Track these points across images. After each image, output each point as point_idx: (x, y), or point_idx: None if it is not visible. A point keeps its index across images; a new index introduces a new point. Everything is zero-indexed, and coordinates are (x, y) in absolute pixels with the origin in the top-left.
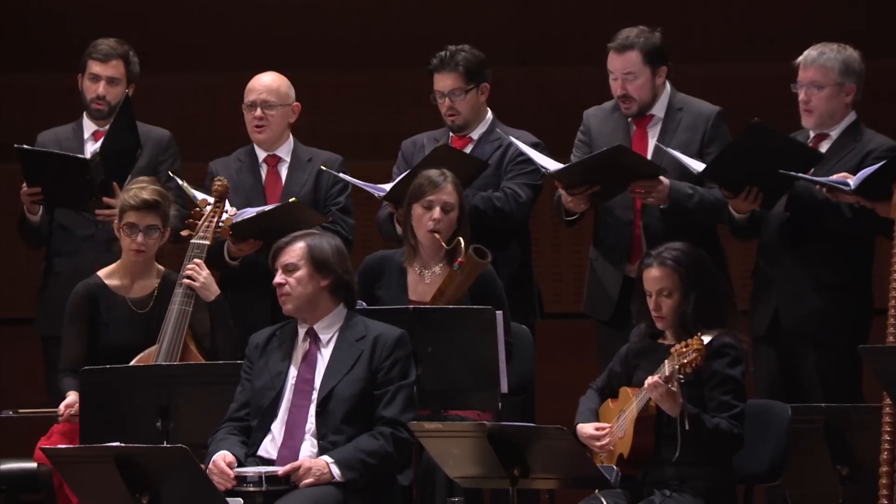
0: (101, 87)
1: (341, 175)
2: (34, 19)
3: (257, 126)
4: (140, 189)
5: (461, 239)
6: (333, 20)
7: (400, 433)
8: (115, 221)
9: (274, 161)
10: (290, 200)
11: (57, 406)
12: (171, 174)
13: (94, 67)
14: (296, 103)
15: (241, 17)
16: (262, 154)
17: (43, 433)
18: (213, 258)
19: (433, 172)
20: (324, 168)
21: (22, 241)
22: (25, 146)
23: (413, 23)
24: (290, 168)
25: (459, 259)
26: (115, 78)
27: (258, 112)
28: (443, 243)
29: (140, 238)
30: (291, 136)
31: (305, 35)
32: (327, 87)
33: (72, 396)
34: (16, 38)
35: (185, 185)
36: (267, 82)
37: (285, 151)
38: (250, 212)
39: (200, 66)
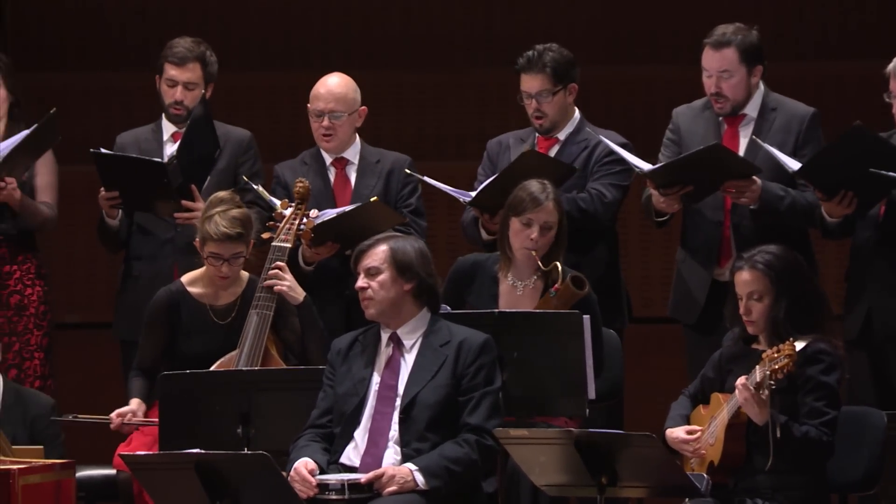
0: (178, 92)
1: (426, 179)
2: (114, 17)
3: (325, 135)
4: (221, 217)
5: (559, 265)
6: (416, 18)
7: (485, 440)
8: (198, 241)
9: (342, 164)
10: (372, 200)
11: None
12: (247, 179)
13: (171, 71)
14: (362, 108)
15: (325, 15)
16: (329, 157)
17: (122, 439)
18: (288, 265)
19: (535, 187)
20: (408, 172)
21: (101, 245)
22: (101, 150)
23: (498, 20)
24: (358, 170)
25: (556, 286)
26: (191, 82)
27: (325, 122)
28: (539, 263)
29: (225, 268)
30: (358, 138)
31: (388, 33)
32: (410, 87)
33: (133, 404)
34: (94, 36)
35: (262, 190)
36: (333, 89)
37: (353, 154)
38: (331, 213)
39: (270, 64)
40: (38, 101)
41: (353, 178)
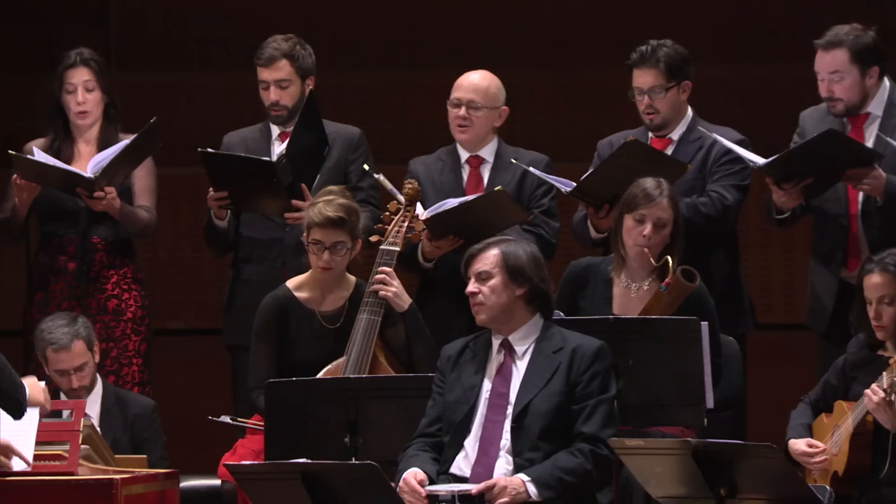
0: (272, 93)
1: (531, 169)
2: (218, 16)
3: (460, 125)
4: (325, 204)
5: (669, 258)
6: (529, 15)
7: (599, 450)
8: (304, 235)
9: (477, 162)
10: (495, 189)
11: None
12: (367, 168)
13: (262, 74)
14: (504, 107)
15: (436, 12)
16: (464, 154)
17: (226, 449)
18: (407, 261)
19: (650, 184)
20: (513, 161)
21: (207, 248)
22: (209, 150)
23: (611, 18)
24: (492, 169)
25: (667, 280)
26: (283, 80)
27: (462, 111)
28: (651, 260)
29: (326, 256)
30: (496, 138)
31: (499, 30)
32: (522, 87)
33: None
34: (198, 35)
35: (384, 179)
36: (475, 81)
37: (489, 152)
38: (451, 203)
39: (395, 63)
40: (141, 102)
41: (486, 176)
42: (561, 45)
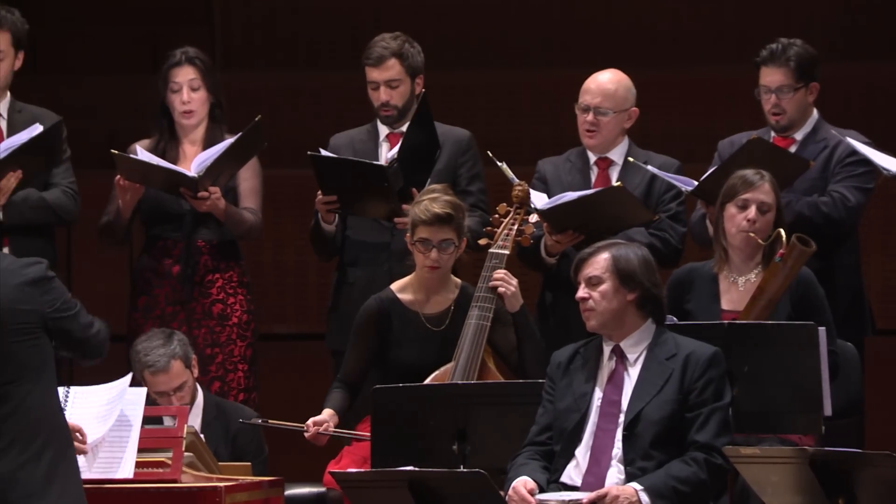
0: (382, 93)
1: (649, 167)
2: (325, 15)
3: (588, 131)
4: (431, 201)
5: (781, 230)
6: (644, 13)
7: (714, 459)
8: (408, 235)
9: (605, 164)
10: (615, 184)
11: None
12: (490, 154)
13: (371, 74)
14: (633, 108)
15: (548, 9)
16: (593, 156)
17: (332, 456)
18: (529, 257)
19: (748, 172)
20: (630, 159)
21: (313, 252)
22: (320, 152)
23: (726, 15)
24: (622, 171)
25: (781, 251)
26: (393, 79)
27: (590, 116)
28: (759, 240)
29: (434, 254)
30: (627, 139)
31: (612, 27)
32: (640, 86)
33: (325, 415)
34: (304, 35)
35: (506, 167)
36: (604, 85)
37: (618, 154)
38: (569, 196)
39: (507, 62)
40: (247, 103)
41: (614, 178)
42: (676, 43)
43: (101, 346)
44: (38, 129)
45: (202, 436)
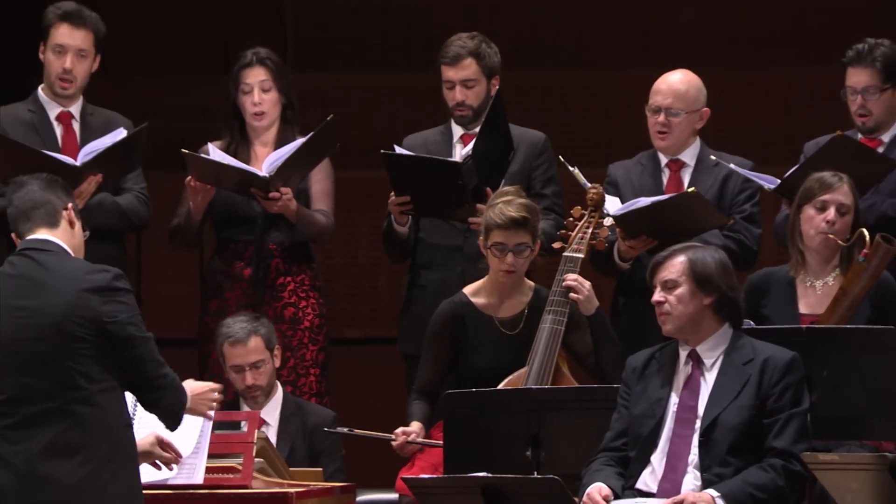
0: (457, 93)
1: (733, 167)
2: (397, 16)
3: (659, 132)
4: (506, 205)
5: (864, 230)
6: (719, 12)
7: (792, 465)
8: (481, 238)
9: (677, 166)
10: (688, 190)
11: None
12: (562, 159)
13: (447, 73)
14: (704, 109)
15: (624, 10)
16: (664, 158)
17: (404, 462)
18: (602, 263)
19: (825, 174)
20: (713, 157)
21: (385, 255)
22: (394, 150)
23: (809, 15)
24: (693, 173)
25: (864, 251)
26: (469, 79)
27: (661, 118)
28: (839, 241)
29: (509, 258)
30: (698, 140)
31: (688, 27)
32: (718, 86)
33: (414, 427)
34: (376, 36)
35: (577, 171)
36: (674, 85)
37: (690, 156)
38: (643, 201)
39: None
40: (319, 104)
41: (686, 180)
42: (753, 44)
43: (166, 392)
44: (121, 133)
45: (277, 434)
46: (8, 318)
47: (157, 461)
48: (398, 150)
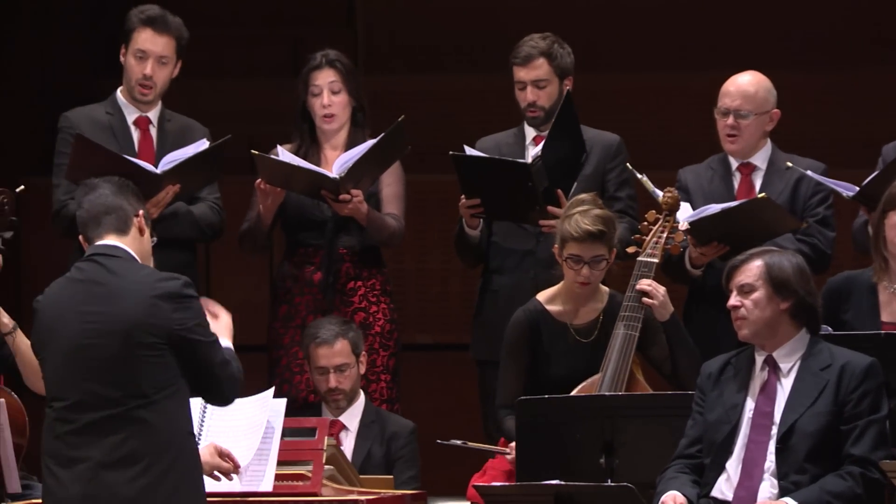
0: (528, 93)
1: (809, 173)
2: (467, 18)
3: (729, 135)
4: (582, 216)
5: None
6: (796, 13)
7: (870, 473)
8: (556, 247)
9: (748, 169)
10: (759, 196)
11: (498, 442)
12: (630, 167)
13: (518, 73)
14: (774, 110)
15: (694, 12)
16: (735, 162)
17: (476, 469)
18: (674, 270)
19: None
20: (789, 164)
21: (457, 259)
22: (465, 151)
23: (886, 16)
24: (765, 176)
25: None
26: (540, 80)
27: (730, 120)
28: None
29: (585, 271)
30: (769, 143)
31: (762, 29)
32: (794, 89)
33: None
34: (448, 37)
35: (646, 179)
36: (743, 87)
37: (761, 159)
38: (714, 208)
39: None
40: (389, 106)
41: (758, 184)
42: (832, 45)
43: (233, 387)
44: (203, 144)
45: (355, 439)
46: (75, 322)
47: (217, 472)
48: (468, 150)
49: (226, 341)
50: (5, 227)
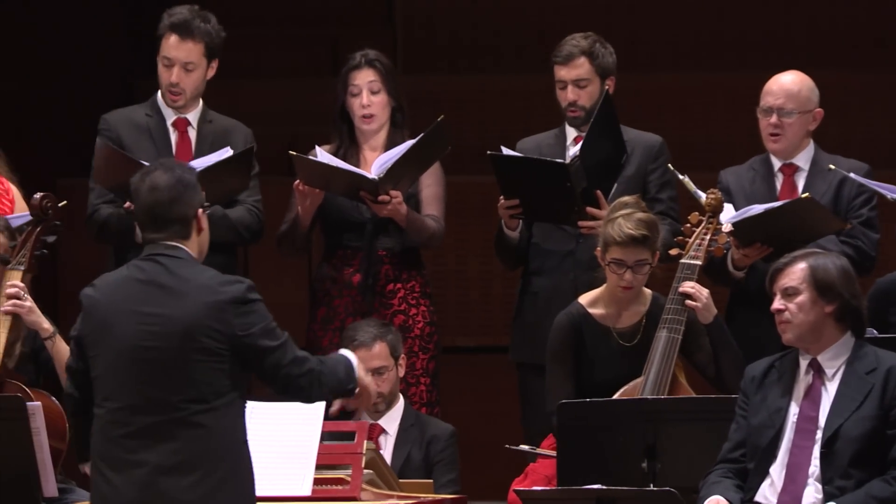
0: (569, 93)
1: (852, 175)
2: (508, 17)
3: (771, 134)
4: (625, 219)
5: None
6: (848, 14)
7: None
8: (598, 250)
9: (790, 170)
10: (803, 196)
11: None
12: (671, 168)
13: (559, 72)
14: (818, 109)
15: (737, 12)
16: (777, 163)
17: (517, 473)
18: (716, 272)
19: None
20: (832, 167)
21: (498, 260)
22: (502, 151)
23: None
24: (808, 177)
25: None
26: (581, 79)
27: (773, 119)
28: None
29: (628, 275)
30: (812, 143)
31: (806, 28)
32: (837, 89)
33: None
34: (487, 37)
35: (688, 181)
36: (786, 85)
37: (804, 160)
38: (756, 209)
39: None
40: (429, 107)
41: (801, 184)
42: (876, 45)
43: (311, 384)
44: (227, 152)
45: (394, 443)
46: (132, 323)
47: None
48: (505, 151)
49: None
50: (49, 232)
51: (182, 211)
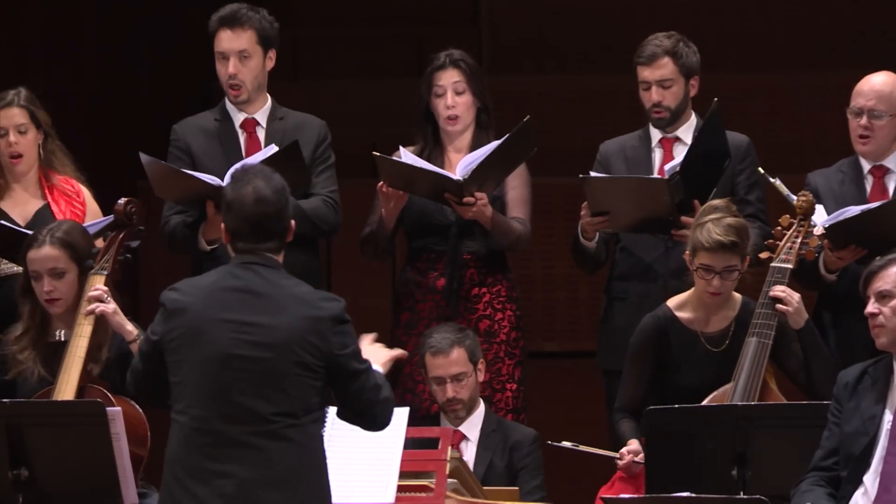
0: (653, 94)
1: (776, 182)
2: (593, 16)
3: (861, 136)
4: (714, 225)
5: None
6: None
7: None
8: (687, 253)
9: (881, 172)
10: None
11: (616, 449)
12: (762, 171)
13: (642, 73)
14: None
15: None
16: (867, 165)
17: (604, 480)
18: (806, 275)
19: None
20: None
21: (578, 267)
22: (590, 174)
23: None
24: None
25: None
26: (665, 79)
27: (863, 120)
28: None
29: (717, 281)
30: None
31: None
32: None
33: (633, 444)
34: (574, 37)
35: (780, 183)
36: (877, 86)
37: (894, 161)
38: (852, 210)
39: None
40: (515, 107)
41: (892, 187)
42: None
43: (386, 412)
44: (272, 149)
45: (476, 449)
46: (225, 331)
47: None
48: (593, 174)
49: (376, 366)
50: (133, 237)
51: (286, 224)
